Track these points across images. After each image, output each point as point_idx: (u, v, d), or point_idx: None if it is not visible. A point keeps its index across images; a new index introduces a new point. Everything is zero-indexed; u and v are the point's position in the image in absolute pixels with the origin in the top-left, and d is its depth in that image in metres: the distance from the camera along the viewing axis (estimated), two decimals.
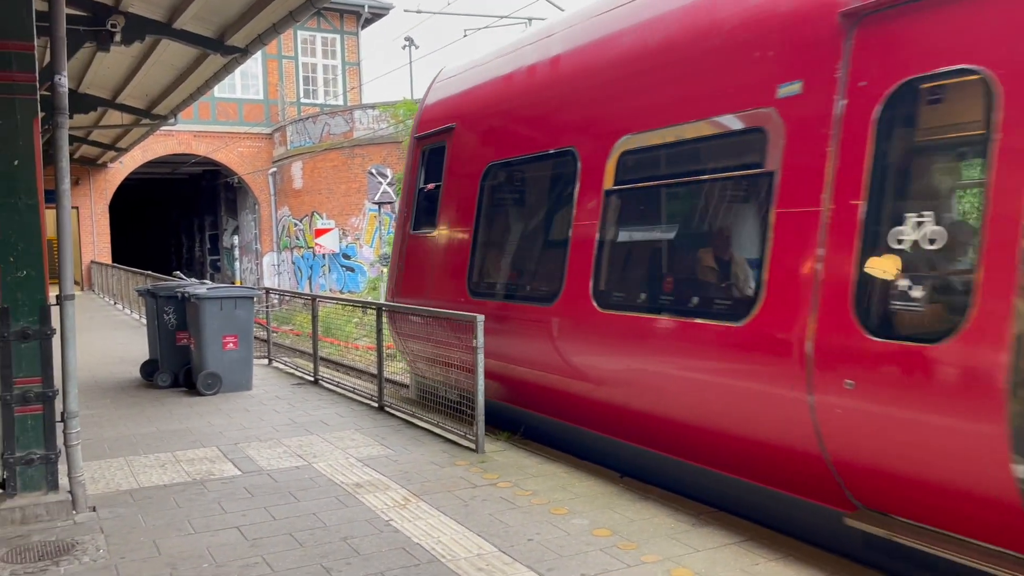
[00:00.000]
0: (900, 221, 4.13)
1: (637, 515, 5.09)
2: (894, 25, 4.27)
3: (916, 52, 4.13)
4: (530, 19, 21.19)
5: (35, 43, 5.13)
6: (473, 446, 6.62)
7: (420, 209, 8.80)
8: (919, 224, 4.06)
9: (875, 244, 4.22)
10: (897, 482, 4.19)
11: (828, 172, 4.45)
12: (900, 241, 4.13)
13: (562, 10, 19.68)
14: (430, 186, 8.62)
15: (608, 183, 6.03)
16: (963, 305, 3.81)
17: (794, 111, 4.68)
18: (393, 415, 8.00)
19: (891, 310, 4.21)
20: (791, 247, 4.63)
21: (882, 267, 4.18)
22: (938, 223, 3.98)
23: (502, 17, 21.44)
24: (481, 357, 6.51)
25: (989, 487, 3.75)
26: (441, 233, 8.32)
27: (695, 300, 5.41)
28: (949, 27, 4.02)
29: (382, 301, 8.43)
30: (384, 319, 8.52)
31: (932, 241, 3.98)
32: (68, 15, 6.54)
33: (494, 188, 7.66)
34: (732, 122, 5.12)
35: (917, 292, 4.08)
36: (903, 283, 4.13)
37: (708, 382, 5.10)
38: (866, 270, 4.22)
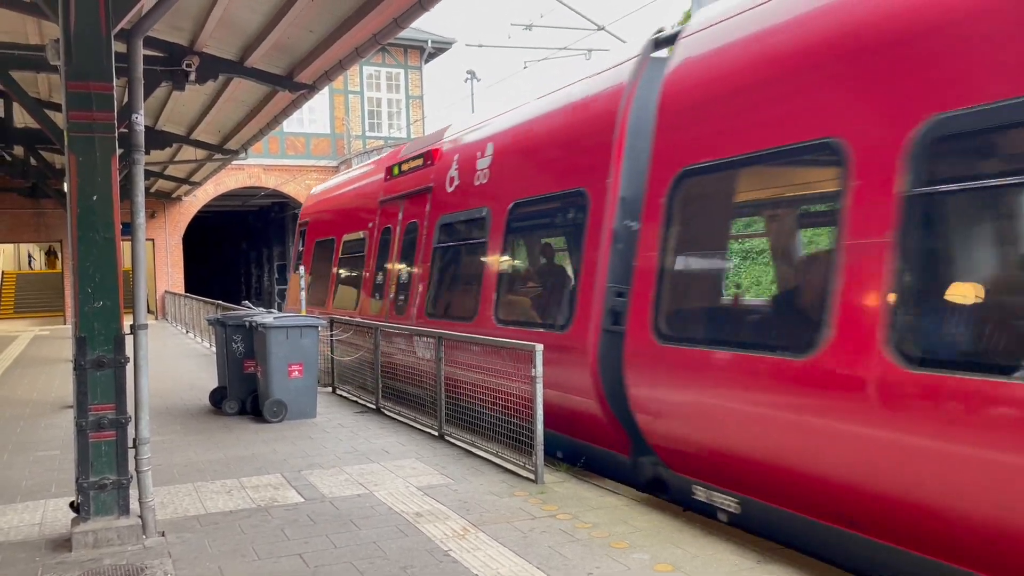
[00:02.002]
0: (386, 276, 11.50)
1: (700, 551, 4.98)
2: (384, 207, 11.94)
3: (391, 217, 11.60)
4: (590, 50, 21.21)
5: (114, 84, 5.36)
6: (532, 476, 6.59)
7: (297, 260, 16.48)
8: (405, 275, 11.02)
9: (381, 284, 11.79)
10: None
11: (393, 255, 11.42)
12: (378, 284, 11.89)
13: (623, 41, 19.68)
14: (302, 248, 16.38)
15: (340, 254, 13.95)
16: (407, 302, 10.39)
17: (373, 233, 12.29)
18: (452, 444, 8.02)
19: (398, 304, 10.99)
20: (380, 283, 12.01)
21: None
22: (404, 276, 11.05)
23: (561, 49, 21.58)
24: (540, 387, 6.50)
25: None
26: (302, 274, 15.41)
27: (396, 303, 11.57)
28: (407, 208, 11.10)
29: (443, 332, 8.55)
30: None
31: (406, 279, 10.90)
32: (145, 56, 6.83)
33: (318, 252, 15.30)
34: (359, 235, 13.01)
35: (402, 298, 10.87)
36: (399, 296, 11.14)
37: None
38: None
